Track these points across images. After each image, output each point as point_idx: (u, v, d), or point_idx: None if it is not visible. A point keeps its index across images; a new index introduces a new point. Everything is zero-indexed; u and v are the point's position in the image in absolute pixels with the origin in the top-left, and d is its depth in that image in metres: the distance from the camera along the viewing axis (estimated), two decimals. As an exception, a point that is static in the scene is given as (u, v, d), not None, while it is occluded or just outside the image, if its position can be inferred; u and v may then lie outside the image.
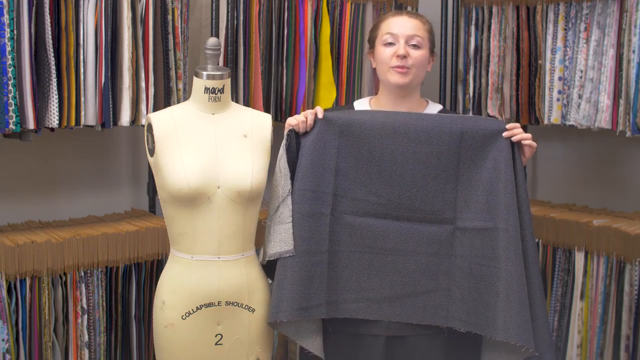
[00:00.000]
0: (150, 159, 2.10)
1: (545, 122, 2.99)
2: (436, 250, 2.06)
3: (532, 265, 2.03)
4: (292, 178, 2.07)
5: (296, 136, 2.10)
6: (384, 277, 2.07)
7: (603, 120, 2.78)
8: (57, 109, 2.37)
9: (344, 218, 2.07)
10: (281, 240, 2.05)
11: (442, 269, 2.06)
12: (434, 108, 2.24)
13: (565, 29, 2.93)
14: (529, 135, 2.04)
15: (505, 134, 2.02)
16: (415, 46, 2.12)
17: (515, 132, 2.03)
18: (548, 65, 2.96)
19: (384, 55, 2.14)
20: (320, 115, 2.07)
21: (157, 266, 2.58)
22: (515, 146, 2.04)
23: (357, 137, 2.06)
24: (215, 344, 2.08)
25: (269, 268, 2.14)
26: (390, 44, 2.13)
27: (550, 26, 2.96)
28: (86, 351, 2.45)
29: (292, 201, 2.05)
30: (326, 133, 2.07)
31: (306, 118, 2.07)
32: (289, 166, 2.08)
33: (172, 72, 2.62)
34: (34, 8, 2.30)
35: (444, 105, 3.28)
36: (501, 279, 1.97)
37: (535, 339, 1.99)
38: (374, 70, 2.25)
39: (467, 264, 2.04)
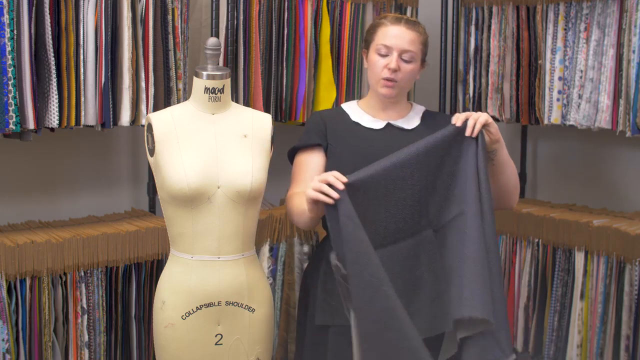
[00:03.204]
0: (150, 159, 2.10)
1: (545, 122, 2.99)
2: (426, 260, 2.06)
3: (492, 245, 2.01)
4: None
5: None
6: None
7: (603, 120, 2.78)
8: (57, 109, 2.37)
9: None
10: None
11: (436, 276, 2.05)
12: (418, 110, 2.29)
13: (565, 29, 2.93)
14: (483, 117, 2.02)
15: (467, 133, 2.02)
16: (408, 59, 2.16)
17: (471, 124, 2.02)
18: (548, 65, 2.96)
19: (377, 65, 2.18)
20: (341, 186, 1.91)
21: (157, 266, 2.58)
22: (479, 136, 2.04)
23: (351, 191, 1.98)
24: (215, 344, 2.08)
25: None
26: (384, 53, 2.16)
27: (550, 26, 2.96)
28: (86, 351, 2.45)
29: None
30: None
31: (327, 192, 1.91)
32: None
33: (172, 72, 2.62)
34: (34, 8, 2.30)
35: (443, 106, 3.28)
36: (468, 257, 1.97)
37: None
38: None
39: (451, 260, 2.04)
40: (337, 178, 1.89)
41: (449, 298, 2.02)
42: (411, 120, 2.24)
